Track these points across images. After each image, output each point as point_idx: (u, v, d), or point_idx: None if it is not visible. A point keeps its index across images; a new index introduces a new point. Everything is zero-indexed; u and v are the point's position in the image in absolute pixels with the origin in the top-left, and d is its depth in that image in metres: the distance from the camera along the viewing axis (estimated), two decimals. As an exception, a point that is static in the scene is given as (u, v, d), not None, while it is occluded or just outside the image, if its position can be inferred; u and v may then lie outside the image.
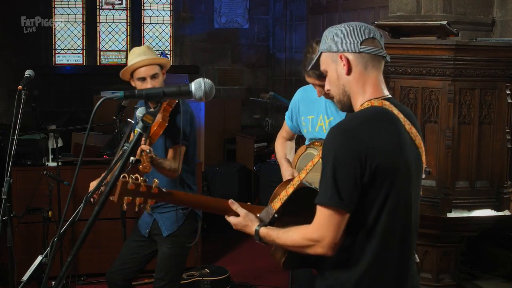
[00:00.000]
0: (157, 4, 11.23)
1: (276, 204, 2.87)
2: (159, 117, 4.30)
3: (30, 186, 6.01)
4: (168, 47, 11.33)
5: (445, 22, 5.18)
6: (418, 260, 3.55)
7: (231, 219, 2.92)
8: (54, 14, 10.57)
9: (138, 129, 2.62)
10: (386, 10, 6.71)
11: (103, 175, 3.65)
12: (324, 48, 2.71)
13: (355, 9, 8.96)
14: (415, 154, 2.67)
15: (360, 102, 2.65)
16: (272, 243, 2.79)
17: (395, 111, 2.63)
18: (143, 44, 11.15)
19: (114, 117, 6.06)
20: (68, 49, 10.81)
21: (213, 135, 9.33)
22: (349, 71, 2.64)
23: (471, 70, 5.15)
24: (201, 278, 6.01)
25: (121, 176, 2.67)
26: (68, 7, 10.67)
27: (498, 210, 5.30)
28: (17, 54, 9.94)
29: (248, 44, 11.19)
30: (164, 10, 11.25)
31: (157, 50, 11.14)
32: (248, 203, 3.01)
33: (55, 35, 10.65)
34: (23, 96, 4.55)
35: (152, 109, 2.75)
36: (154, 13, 11.21)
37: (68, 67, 10.75)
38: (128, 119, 4.50)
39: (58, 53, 10.75)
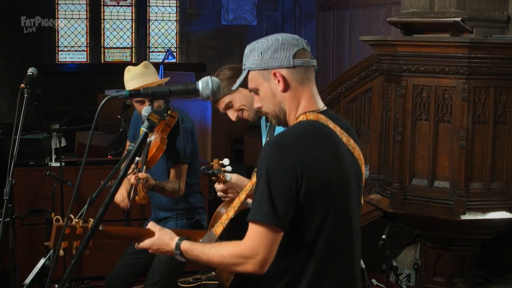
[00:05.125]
0: (163, 0, 11.14)
1: (218, 229, 2.76)
2: (157, 139, 4.20)
3: (33, 187, 5.91)
4: (174, 45, 11.26)
5: (459, 19, 5.13)
6: (363, 266, 3.46)
7: (145, 242, 2.72)
8: (58, 11, 10.49)
9: (144, 128, 2.54)
10: (398, 7, 6.67)
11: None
12: (252, 65, 2.56)
13: (366, 5, 8.90)
14: (354, 165, 2.59)
15: (294, 116, 2.57)
16: (195, 259, 2.62)
17: (331, 124, 2.54)
18: (149, 41, 11.10)
19: (119, 116, 6.01)
20: (71, 46, 10.74)
21: (220, 135, 9.23)
22: (285, 88, 2.52)
23: (485, 68, 5.14)
24: (207, 282, 5.92)
25: (55, 219, 2.61)
26: (72, 4, 10.59)
27: (513, 213, 5.27)
28: (19, 51, 9.87)
29: (257, 41, 11.05)
30: (170, 6, 11.18)
31: (163, 48, 11.07)
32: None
33: (58, 32, 10.57)
34: (25, 95, 4.50)
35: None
36: (160, 9, 11.13)
37: (71, 64, 10.68)
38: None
39: (62, 50, 10.67)
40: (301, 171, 2.36)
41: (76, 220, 2.63)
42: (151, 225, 2.76)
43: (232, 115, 3.72)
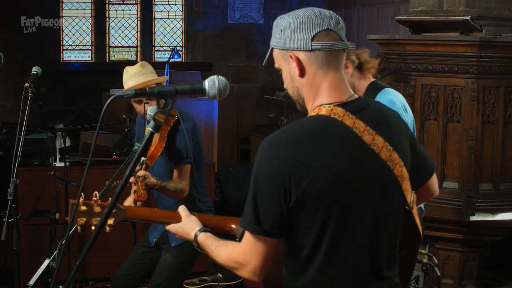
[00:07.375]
0: (168, -2, 11.14)
1: None
2: (156, 137, 4.12)
3: (37, 187, 5.87)
4: (180, 43, 11.23)
5: (468, 18, 5.12)
6: None
7: (171, 227, 2.69)
8: (62, 9, 10.46)
9: (149, 128, 2.50)
10: (407, 5, 6.66)
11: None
12: (274, 43, 2.32)
13: (374, 3, 8.87)
14: (377, 167, 2.26)
15: (310, 107, 2.30)
16: (207, 254, 2.54)
17: (349, 120, 2.23)
18: (154, 40, 11.07)
19: (124, 116, 5.97)
20: (76, 45, 10.71)
21: (226, 134, 9.20)
22: (301, 73, 2.27)
23: (495, 67, 5.14)
24: (213, 283, 5.87)
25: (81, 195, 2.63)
26: (77, 2, 10.57)
27: (523, 214, 5.25)
28: (24, 50, 9.84)
29: (263, 40, 10.95)
30: (176, 4, 11.14)
31: (169, 46, 11.03)
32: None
33: (62, 31, 10.53)
34: (30, 94, 4.47)
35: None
36: (165, 7, 11.10)
37: (76, 63, 10.66)
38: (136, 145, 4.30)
39: (66, 49, 10.66)
40: (289, 178, 2.14)
41: (94, 199, 2.65)
42: (180, 209, 2.73)
43: None
